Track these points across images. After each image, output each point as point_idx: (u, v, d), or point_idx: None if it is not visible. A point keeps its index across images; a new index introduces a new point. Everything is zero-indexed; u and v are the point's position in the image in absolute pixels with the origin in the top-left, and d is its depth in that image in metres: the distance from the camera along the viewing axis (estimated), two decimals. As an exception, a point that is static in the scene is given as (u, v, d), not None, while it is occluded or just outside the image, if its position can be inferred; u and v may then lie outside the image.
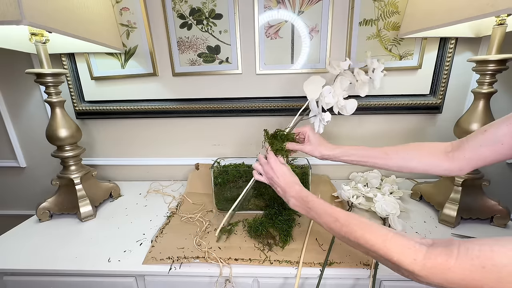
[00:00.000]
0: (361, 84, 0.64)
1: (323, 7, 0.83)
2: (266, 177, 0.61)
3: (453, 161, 0.50)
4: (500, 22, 0.62)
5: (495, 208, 0.70)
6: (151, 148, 1.06)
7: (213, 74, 0.93)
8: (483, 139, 0.46)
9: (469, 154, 0.48)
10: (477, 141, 0.47)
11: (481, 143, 0.46)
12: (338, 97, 0.59)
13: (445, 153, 0.51)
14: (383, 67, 0.63)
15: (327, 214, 0.47)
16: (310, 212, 0.51)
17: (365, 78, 0.62)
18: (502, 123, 0.44)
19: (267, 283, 0.60)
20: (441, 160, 0.51)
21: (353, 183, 0.93)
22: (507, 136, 0.43)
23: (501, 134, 0.43)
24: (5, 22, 0.53)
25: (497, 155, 0.45)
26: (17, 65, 0.96)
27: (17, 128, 1.05)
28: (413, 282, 0.59)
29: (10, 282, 0.64)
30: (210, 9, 0.86)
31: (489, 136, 0.45)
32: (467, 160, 0.48)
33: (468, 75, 0.88)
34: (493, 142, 0.44)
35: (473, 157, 0.48)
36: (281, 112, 0.95)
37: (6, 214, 1.19)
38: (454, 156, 0.50)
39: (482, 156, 0.46)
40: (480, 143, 0.46)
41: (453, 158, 0.50)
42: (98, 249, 0.66)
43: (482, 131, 0.47)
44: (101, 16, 0.77)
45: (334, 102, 0.59)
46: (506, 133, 0.43)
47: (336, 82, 0.61)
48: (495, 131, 0.44)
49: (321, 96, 0.61)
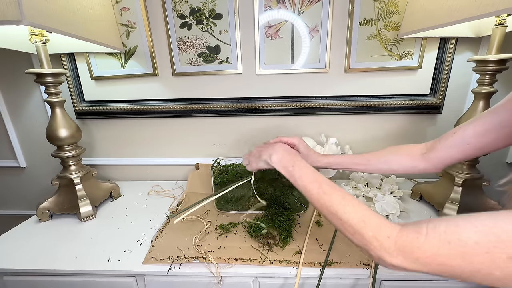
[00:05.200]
0: None
1: (323, 7, 0.83)
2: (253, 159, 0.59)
3: (428, 161, 0.54)
4: (500, 22, 0.62)
5: (495, 208, 0.70)
6: (151, 148, 1.06)
7: (213, 74, 0.93)
8: (452, 140, 0.50)
9: (441, 154, 0.52)
10: (447, 142, 0.51)
11: (451, 144, 0.51)
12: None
13: (421, 155, 0.55)
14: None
15: (311, 180, 0.47)
16: (293, 172, 0.49)
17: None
18: (469, 126, 0.48)
19: (267, 283, 0.60)
20: (418, 161, 0.56)
21: (353, 183, 0.93)
22: (472, 138, 0.47)
23: (467, 136, 0.48)
24: (5, 22, 0.53)
25: (465, 154, 0.50)
26: (17, 65, 0.96)
27: (17, 128, 1.05)
28: (413, 282, 0.59)
29: (10, 282, 0.64)
30: (210, 9, 0.86)
31: (457, 138, 0.50)
32: (440, 160, 0.53)
33: (468, 75, 0.88)
34: (461, 143, 0.49)
35: (444, 157, 0.52)
36: (281, 112, 0.95)
37: (6, 214, 1.19)
38: (429, 156, 0.54)
39: (452, 155, 0.51)
40: (450, 144, 0.51)
41: (428, 158, 0.54)
42: (98, 249, 0.66)
43: (452, 133, 0.51)
44: (101, 16, 0.77)
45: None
46: (471, 135, 0.48)
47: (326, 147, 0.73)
48: (462, 133, 0.49)
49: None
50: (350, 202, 0.41)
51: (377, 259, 0.36)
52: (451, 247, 0.29)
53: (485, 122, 0.46)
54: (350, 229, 0.39)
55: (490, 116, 0.46)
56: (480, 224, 0.29)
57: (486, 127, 0.46)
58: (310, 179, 0.47)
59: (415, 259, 0.32)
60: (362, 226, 0.37)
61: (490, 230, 0.28)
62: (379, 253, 0.35)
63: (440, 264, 0.30)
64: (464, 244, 0.28)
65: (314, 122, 0.98)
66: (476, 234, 0.28)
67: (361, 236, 0.37)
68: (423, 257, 0.31)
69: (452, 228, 0.30)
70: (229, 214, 0.80)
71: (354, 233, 0.38)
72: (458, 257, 0.29)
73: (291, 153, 0.53)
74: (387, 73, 0.89)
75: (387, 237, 0.34)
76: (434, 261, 0.30)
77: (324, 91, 0.93)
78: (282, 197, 0.74)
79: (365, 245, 0.37)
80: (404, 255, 0.33)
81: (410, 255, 0.32)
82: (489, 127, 0.46)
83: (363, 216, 0.38)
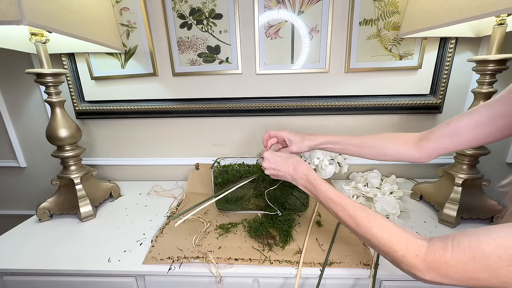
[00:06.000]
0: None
1: (323, 7, 0.83)
2: (270, 173, 0.61)
3: (421, 150, 0.55)
4: (500, 22, 0.62)
5: (495, 208, 0.70)
6: (151, 148, 1.06)
7: (213, 74, 0.93)
8: (446, 131, 0.51)
9: (434, 144, 0.53)
10: (441, 132, 0.52)
11: (444, 134, 0.52)
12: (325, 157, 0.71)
13: (414, 143, 0.56)
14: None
15: (334, 202, 0.49)
16: (318, 197, 0.53)
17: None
18: (463, 117, 0.49)
19: (267, 283, 0.60)
20: (411, 149, 0.57)
21: (353, 183, 0.93)
22: (465, 129, 0.48)
23: (461, 127, 0.49)
24: (5, 22, 0.53)
25: (456, 145, 0.50)
26: (17, 65, 0.96)
27: (17, 128, 1.05)
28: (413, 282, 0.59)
29: (10, 282, 0.64)
30: (210, 9, 0.86)
31: (451, 128, 0.51)
32: (433, 149, 0.54)
33: (468, 75, 0.88)
34: (454, 134, 0.50)
35: (437, 147, 0.53)
36: (281, 112, 0.95)
37: (6, 214, 1.19)
38: (422, 145, 0.55)
39: (445, 145, 0.52)
40: (444, 135, 0.52)
41: (421, 147, 0.55)
42: (98, 249, 0.66)
43: (446, 124, 0.52)
44: (101, 16, 0.77)
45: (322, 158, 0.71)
46: (464, 126, 0.48)
47: None
48: (456, 124, 0.50)
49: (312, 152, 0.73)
50: (375, 223, 0.42)
51: (411, 275, 0.37)
52: (476, 262, 0.30)
53: (479, 115, 0.47)
54: (380, 249, 0.41)
55: (484, 109, 0.47)
56: (499, 237, 0.30)
57: (479, 120, 0.47)
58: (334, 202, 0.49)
59: (445, 274, 0.33)
60: (390, 247, 0.38)
61: (509, 243, 0.29)
62: (411, 270, 0.36)
63: (470, 278, 0.31)
64: (487, 258, 0.29)
65: (314, 122, 0.98)
66: (497, 248, 0.29)
67: (391, 256, 0.39)
68: (452, 272, 0.32)
69: (475, 244, 0.31)
70: (229, 214, 0.80)
71: (385, 253, 0.40)
72: (484, 271, 0.30)
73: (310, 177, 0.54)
74: (387, 73, 0.89)
75: (415, 255, 0.36)
76: (463, 276, 0.31)
77: (324, 91, 0.93)
78: (282, 197, 0.74)
79: (397, 263, 0.38)
80: (434, 271, 0.34)
81: (439, 271, 0.33)
82: (482, 120, 0.46)
83: (389, 236, 0.39)
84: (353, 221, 0.45)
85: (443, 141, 0.52)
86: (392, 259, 0.39)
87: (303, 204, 0.77)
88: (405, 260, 0.36)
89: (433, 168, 0.97)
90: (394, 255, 0.38)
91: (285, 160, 0.59)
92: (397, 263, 0.38)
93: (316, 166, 0.72)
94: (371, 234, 0.41)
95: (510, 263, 0.28)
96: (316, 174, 0.55)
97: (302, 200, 0.77)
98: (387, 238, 0.39)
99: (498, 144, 0.94)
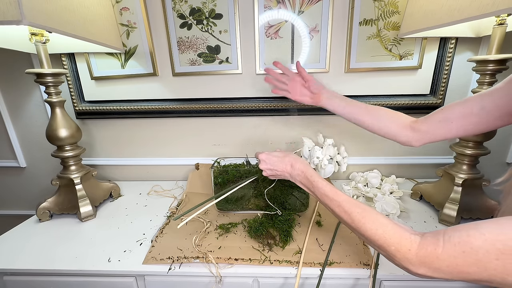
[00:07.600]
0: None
1: (323, 7, 0.83)
2: (268, 174, 0.62)
3: (414, 131, 0.57)
4: (500, 22, 0.62)
5: (495, 208, 0.70)
6: (151, 148, 1.06)
7: (213, 74, 0.93)
8: (440, 116, 0.53)
9: (426, 128, 0.55)
10: (436, 117, 0.54)
11: (439, 119, 0.53)
12: (324, 156, 0.70)
13: (409, 123, 0.59)
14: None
15: (330, 198, 0.49)
16: (315, 193, 0.53)
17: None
18: (457, 105, 0.51)
19: (267, 283, 0.60)
20: (405, 128, 0.59)
21: (353, 183, 0.94)
22: (456, 117, 0.50)
23: (453, 114, 0.51)
24: (5, 22, 0.53)
25: (446, 131, 0.52)
26: (17, 65, 0.96)
27: (17, 128, 1.05)
28: (413, 282, 0.59)
29: (10, 282, 0.64)
30: (210, 9, 0.86)
31: (444, 114, 0.52)
32: (424, 133, 0.56)
33: (468, 75, 0.88)
34: (446, 120, 0.52)
35: (429, 131, 0.55)
36: (281, 112, 0.95)
37: (6, 214, 1.19)
38: (416, 127, 0.57)
39: (436, 131, 0.54)
40: (439, 119, 0.53)
41: (414, 128, 0.57)
42: (98, 249, 0.66)
43: (441, 109, 0.54)
44: (101, 16, 0.77)
45: (322, 157, 0.70)
46: (456, 114, 0.50)
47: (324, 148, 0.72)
48: (449, 111, 0.52)
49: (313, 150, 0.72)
50: (369, 219, 0.43)
51: (404, 269, 0.37)
52: (465, 256, 0.31)
53: (471, 105, 0.49)
54: (375, 244, 0.41)
55: (476, 100, 0.48)
56: (487, 232, 0.30)
57: (470, 110, 0.48)
58: (330, 198, 0.49)
59: (436, 269, 0.33)
60: (384, 242, 0.39)
61: (496, 238, 0.29)
62: (404, 264, 0.37)
63: (460, 272, 0.32)
64: (476, 253, 0.30)
65: (314, 122, 0.98)
66: (485, 242, 0.30)
67: (384, 250, 0.40)
68: (444, 266, 0.33)
69: (465, 238, 0.31)
70: (229, 214, 0.80)
71: (379, 247, 0.41)
72: (473, 265, 0.30)
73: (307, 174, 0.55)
74: (387, 73, 0.89)
75: (408, 250, 0.36)
76: (454, 270, 0.32)
77: (324, 91, 0.93)
78: (282, 197, 0.74)
79: (390, 257, 0.39)
80: (426, 265, 0.34)
81: (431, 265, 0.34)
82: (473, 110, 0.48)
83: (383, 232, 0.40)
84: (348, 217, 0.45)
85: (435, 126, 0.53)
86: (386, 253, 0.40)
87: (303, 204, 0.77)
88: (399, 255, 0.37)
89: (433, 168, 0.97)
90: (387, 249, 0.38)
91: (281, 159, 0.59)
92: (391, 257, 0.39)
93: (316, 165, 0.72)
94: (365, 230, 0.42)
95: (498, 257, 0.29)
96: (313, 171, 0.55)
97: (302, 200, 0.77)
98: (381, 234, 0.40)
99: (498, 144, 0.94)
